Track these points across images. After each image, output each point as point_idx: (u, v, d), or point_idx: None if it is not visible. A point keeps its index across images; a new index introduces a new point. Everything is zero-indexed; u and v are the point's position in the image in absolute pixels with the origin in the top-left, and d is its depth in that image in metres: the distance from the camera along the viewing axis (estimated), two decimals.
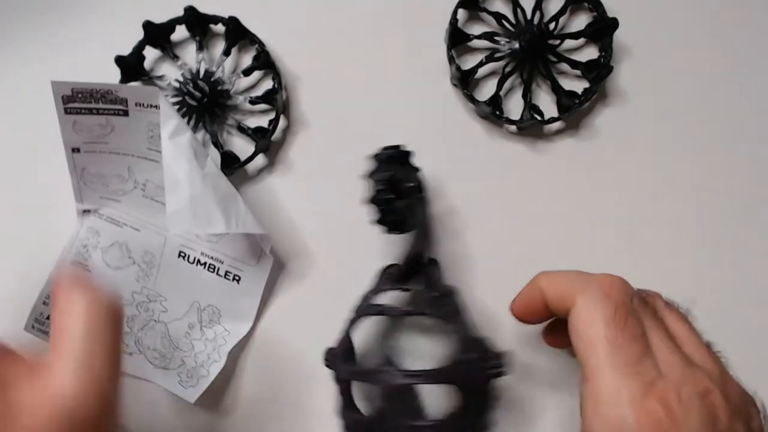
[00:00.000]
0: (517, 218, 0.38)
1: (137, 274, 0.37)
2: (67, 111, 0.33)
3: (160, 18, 0.38)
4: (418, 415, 0.33)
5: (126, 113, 0.33)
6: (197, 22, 0.38)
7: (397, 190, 0.32)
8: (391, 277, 0.33)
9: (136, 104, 0.33)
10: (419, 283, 0.32)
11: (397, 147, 0.33)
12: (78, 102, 0.32)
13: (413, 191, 0.32)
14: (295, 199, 0.38)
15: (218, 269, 0.36)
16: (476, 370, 0.29)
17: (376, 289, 0.32)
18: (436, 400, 0.34)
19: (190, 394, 0.35)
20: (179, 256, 0.36)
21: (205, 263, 0.36)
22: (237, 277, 0.36)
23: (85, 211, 0.37)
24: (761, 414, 0.26)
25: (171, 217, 0.31)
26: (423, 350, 0.36)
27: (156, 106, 0.32)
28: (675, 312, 0.28)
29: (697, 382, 0.23)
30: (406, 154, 0.33)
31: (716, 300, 0.38)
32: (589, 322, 0.24)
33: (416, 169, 0.33)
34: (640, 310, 0.26)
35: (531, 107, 0.38)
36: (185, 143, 0.32)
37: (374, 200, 0.32)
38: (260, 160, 0.39)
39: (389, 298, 0.32)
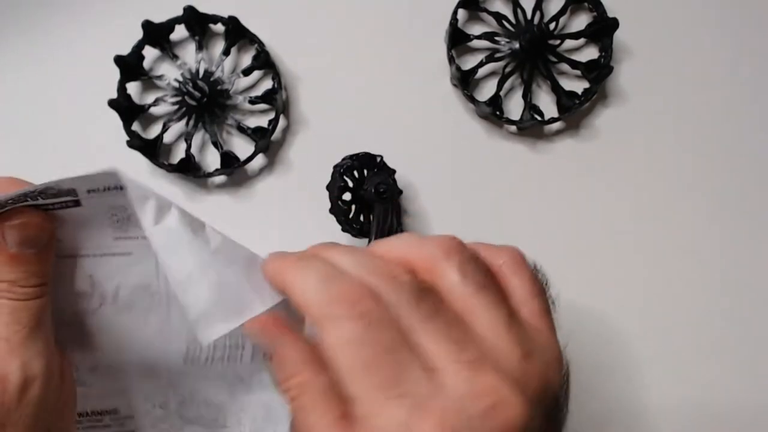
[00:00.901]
0: (517, 218, 0.38)
1: (145, 381, 0.30)
2: None
3: (159, 17, 0.38)
4: None
5: (77, 203, 0.24)
6: (197, 22, 0.38)
7: (360, 196, 0.33)
8: None
9: (88, 191, 0.24)
10: None
11: (363, 154, 0.34)
12: (9, 206, 0.24)
13: (380, 196, 0.32)
14: (295, 199, 0.38)
15: (241, 357, 0.29)
16: None
17: None
18: None
19: None
20: (185, 363, 0.29)
21: (221, 357, 0.29)
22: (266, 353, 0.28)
23: None
24: (563, 375, 0.22)
25: (198, 324, 0.24)
26: None
27: (117, 188, 0.24)
28: (470, 283, 0.21)
29: (483, 394, 0.19)
30: (371, 159, 0.34)
31: (716, 299, 0.38)
32: (336, 347, 0.20)
33: (385, 173, 0.34)
34: (407, 306, 0.21)
35: (531, 107, 0.38)
36: (175, 223, 0.24)
37: (333, 209, 0.32)
38: (260, 160, 0.39)
39: None
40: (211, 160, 0.39)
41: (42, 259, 0.25)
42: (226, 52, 0.38)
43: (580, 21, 0.40)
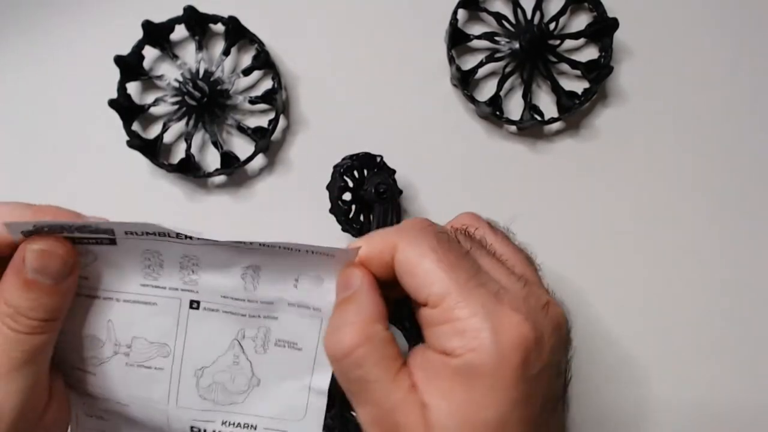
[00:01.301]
0: (517, 218, 0.38)
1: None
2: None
3: (159, 17, 0.38)
4: None
5: (113, 242, 0.24)
6: (197, 22, 0.38)
7: (360, 196, 0.33)
8: None
9: (126, 233, 0.24)
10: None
11: (363, 154, 0.34)
12: (44, 234, 0.23)
13: (379, 196, 0.32)
14: (295, 199, 0.38)
15: None
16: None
17: None
18: None
19: None
20: None
21: None
22: None
23: None
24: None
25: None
26: None
27: (155, 234, 0.24)
28: (500, 235, 0.28)
29: (537, 295, 0.23)
30: (371, 159, 0.34)
31: (716, 300, 0.38)
32: (418, 255, 0.23)
33: (385, 173, 0.34)
34: (461, 239, 0.25)
35: (531, 107, 0.38)
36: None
37: (333, 209, 0.32)
38: (260, 160, 0.39)
39: None
40: (211, 160, 0.39)
41: (56, 293, 0.23)
42: (226, 52, 0.38)
43: (580, 21, 0.40)
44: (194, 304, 0.26)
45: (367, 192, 0.33)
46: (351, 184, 0.34)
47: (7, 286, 0.23)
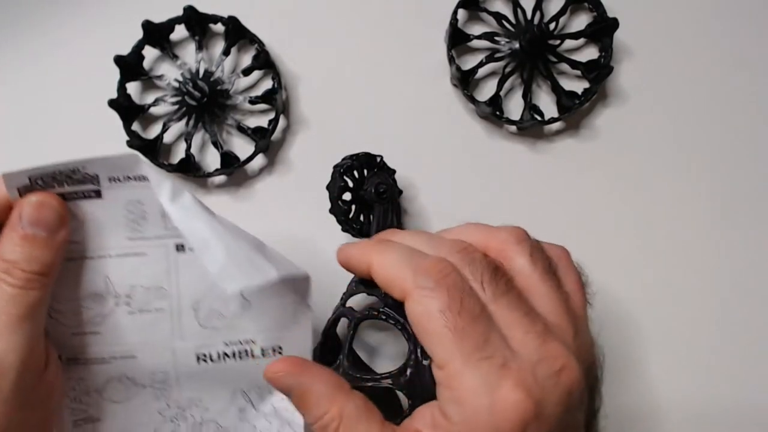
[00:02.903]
0: (516, 218, 0.38)
1: (155, 394, 0.30)
2: None
3: (159, 17, 0.38)
4: None
5: (98, 194, 0.26)
6: (197, 22, 0.38)
7: (360, 196, 0.33)
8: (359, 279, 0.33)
9: (109, 179, 0.26)
10: None
11: (363, 154, 0.34)
12: (38, 189, 0.26)
13: (380, 196, 0.32)
14: (295, 199, 0.38)
15: (252, 351, 0.30)
16: (425, 377, 0.27)
17: (348, 292, 0.33)
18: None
19: None
20: (198, 360, 0.30)
21: (233, 353, 0.30)
22: (277, 349, 0.30)
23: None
24: (598, 364, 0.26)
25: (218, 276, 0.27)
26: (391, 351, 0.37)
27: (135, 178, 0.26)
28: (540, 267, 0.25)
29: (552, 358, 0.22)
30: (371, 159, 0.34)
31: (717, 298, 0.38)
32: (426, 315, 0.23)
33: (385, 173, 0.34)
34: (486, 280, 0.24)
35: (531, 107, 0.38)
36: (189, 201, 0.27)
37: (333, 209, 0.33)
38: (260, 160, 0.39)
39: (357, 300, 0.33)
40: (211, 160, 0.39)
41: (50, 246, 0.25)
42: (226, 52, 0.38)
43: (580, 21, 0.40)
44: (180, 247, 0.28)
45: (367, 192, 0.33)
46: (351, 184, 0.34)
47: (5, 243, 0.24)
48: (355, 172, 0.34)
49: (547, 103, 0.39)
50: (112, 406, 0.30)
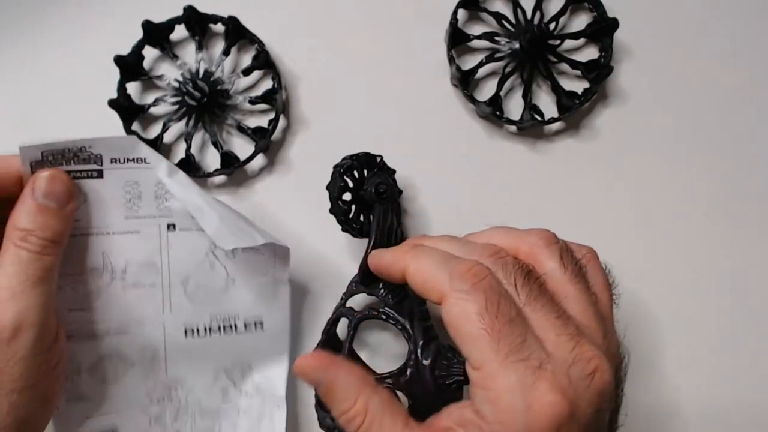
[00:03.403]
0: (517, 219, 0.38)
1: (144, 372, 0.32)
2: None
3: (159, 17, 0.38)
4: None
5: (100, 174, 0.29)
6: (197, 22, 0.38)
7: (360, 196, 0.33)
8: (359, 279, 0.33)
9: (111, 161, 0.29)
10: (386, 286, 0.32)
11: (363, 154, 0.34)
12: (48, 166, 0.28)
13: (380, 196, 0.33)
14: (295, 199, 0.38)
15: (235, 326, 0.33)
16: (425, 377, 0.28)
17: (348, 292, 0.33)
18: None
19: None
20: (186, 335, 0.32)
21: (219, 327, 0.32)
22: (259, 323, 0.33)
23: None
24: (623, 363, 0.27)
25: (214, 236, 0.29)
26: (391, 351, 0.37)
27: (133, 160, 0.29)
28: (570, 270, 0.26)
29: (585, 360, 0.23)
30: (371, 159, 0.34)
31: (716, 300, 0.38)
32: (463, 318, 0.23)
33: (385, 173, 0.34)
34: (519, 284, 0.24)
35: (531, 107, 0.38)
36: (184, 178, 0.30)
37: (333, 209, 0.33)
38: (260, 160, 0.39)
39: (357, 300, 0.33)
40: (211, 160, 0.39)
41: (61, 216, 0.27)
42: (226, 52, 0.38)
43: (580, 21, 0.40)
44: (171, 227, 0.31)
45: (367, 192, 0.33)
46: (351, 184, 0.34)
47: (20, 213, 0.27)
48: (355, 172, 0.34)
49: (547, 103, 0.39)
50: (102, 386, 0.32)
